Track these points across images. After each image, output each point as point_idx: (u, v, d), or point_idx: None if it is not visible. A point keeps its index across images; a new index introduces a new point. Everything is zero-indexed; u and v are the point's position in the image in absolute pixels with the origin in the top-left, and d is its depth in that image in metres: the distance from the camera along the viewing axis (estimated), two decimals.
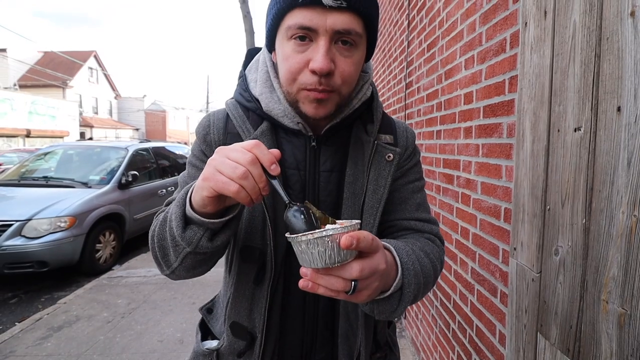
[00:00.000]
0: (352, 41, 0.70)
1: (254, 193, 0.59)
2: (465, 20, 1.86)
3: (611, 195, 0.81)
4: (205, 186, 0.60)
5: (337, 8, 0.66)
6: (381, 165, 0.83)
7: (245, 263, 0.82)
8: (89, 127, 28.59)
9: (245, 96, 0.84)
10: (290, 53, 0.70)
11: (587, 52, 0.89)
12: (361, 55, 0.75)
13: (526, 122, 1.18)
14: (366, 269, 0.55)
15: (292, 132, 0.82)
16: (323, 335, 0.85)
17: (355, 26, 0.69)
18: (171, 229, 0.69)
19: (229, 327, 0.83)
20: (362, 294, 0.57)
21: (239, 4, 10.24)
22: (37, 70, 26.62)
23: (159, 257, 0.74)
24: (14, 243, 4.25)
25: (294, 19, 0.68)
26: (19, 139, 20.73)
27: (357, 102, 0.82)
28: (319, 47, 0.68)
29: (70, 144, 6.98)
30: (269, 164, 0.60)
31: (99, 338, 3.18)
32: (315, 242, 0.53)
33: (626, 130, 0.77)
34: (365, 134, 0.84)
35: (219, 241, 0.69)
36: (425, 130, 2.56)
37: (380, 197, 0.82)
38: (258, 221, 0.80)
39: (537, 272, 1.10)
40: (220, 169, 0.59)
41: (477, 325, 1.73)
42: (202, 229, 0.67)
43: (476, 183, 1.74)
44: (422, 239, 0.85)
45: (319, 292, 0.55)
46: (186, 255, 0.70)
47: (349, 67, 0.72)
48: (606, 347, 0.83)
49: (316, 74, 0.69)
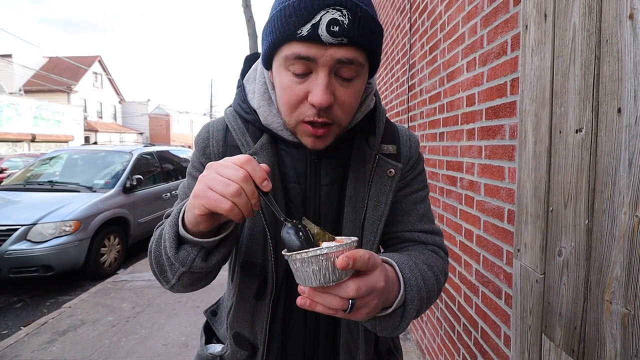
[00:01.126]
0: (354, 72, 0.67)
1: (246, 210, 0.58)
2: (467, 23, 1.87)
3: (613, 196, 0.81)
4: (197, 204, 0.59)
5: (338, 45, 0.62)
6: (382, 180, 0.81)
7: (247, 278, 0.81)
8: (93, 132, 28.76)
9: (244, 107, 0.82)
10: (289, 84, 0.67)
11: (587, 54, 0.89)
12: (362, 82, 0.72)
13: (528, 123, 1.19)
14: (363, 288, 0.53)
15: (293, 144, 0.79)
16: (325, 345, 0.84)
17: (357, 56, 0.65)
18: (165, 249, 0.68)
19: (232, 336, 0.83)
20: (361, 312, 0.56)
21: (242, 8, 10.30)
22: (42, 75, 26.81)
23: (157, 273, 0.74)
24: (20, 247, 4.27)
25: (291, 50, 0.64)
26: (24, 144, 20.86)
27: (360, 115, 0.80)
28: (318, 79, 0.65)
29: (75, 149, 7.02)
30: (261, 181, 0.59)
31: (104, 342, 3.19)
32: (310, 260, 0.52)
33: (627, 131, 0.77)
34: (367, 146, 0.82)
35: (214, 260, 0.68)
36: (428, 132, 2.57)
37: (381, 214, 0.81)
38: (259, 237, 0.79)
39: (540, 274, 1.10)
40: (211, 186, 0.58)
41: (482, 327, 1.72)
42: (195, 249, 0.66)
43: (479, 185, 1.74)
44: (425, 250, 0.83)
45: (317, 309, 0.55)
46: (182, 274, 0.69)
47: (349, 99, 0.69)
48: (610, 348, 0.83)
49: (315, 107, 0.66)
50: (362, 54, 0.66)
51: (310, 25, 0.61)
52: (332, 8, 0.60)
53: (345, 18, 0.61)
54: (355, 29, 0.62)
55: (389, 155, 0.84)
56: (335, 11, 0.61)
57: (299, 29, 0.62)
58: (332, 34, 0.61)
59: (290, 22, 0.62)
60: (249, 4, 10.30)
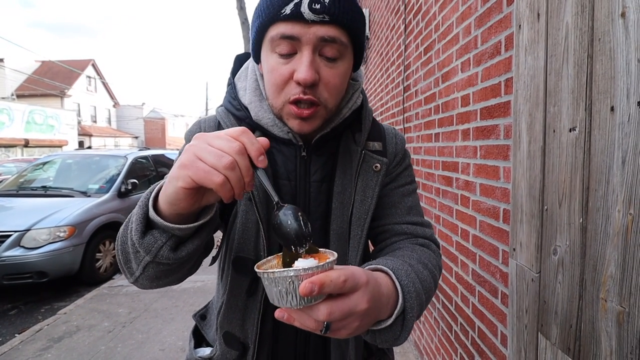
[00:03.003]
0: (337, 51, 0.69)
1: (239, 187, 0.52)
2: (461, 23, 1.88)
3: (607, 194, 0.82)
4: (182, 175, 0.52)
5: (320, 22, 0.65)
6: (368, 175, 0.82)
7: (238, 274, 0.80)
8: (87, 136, 28.60)
9: (235, 104, 0.83)
10: (275, 65, 0.69)
11: (580, 53, 0.90)
12: (347, 66, 0.74)
13: (522, 123, 1.19)
14: (336, 312, 0.48)
15: (283, 141, 0.80)
16: (315, 342, 0.84)
17: (339, 35, 0.68)
18: (130, 232, 0.61)
19: (222, 336, 0.82)
20: (340, 332, 0.52)
21: (237, 10, 10.31)
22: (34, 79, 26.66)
23: (122, 262, 0.66)
24: (13, 254, 4.22)
25: (276, 30, 0.67)
26: (17, 149, 20.71)
27: (347, 112, 0.81)
28: (302, 57, 0.67)
29: (68, 153, 6.97)
30: (257, 155, 0.54)
31: (100, 348, 3.16)
32: (277, 280, 0.47)
33: (620, 130, 0.78)
34: (354, 143, 0.83)
35: (184, 252, 0.61)
36: (423, 133, 2.57)
37: (367, 208, 0.81)
38: (251, 232, 0.79)
39: (536, 272, 1.11)
40: (201, 157, 0.51)
41: (479, 327, 1.73)
42: (164, 236, 0.60)
43: (475, 185, 1.75)
44: (417, 247, 0.82)
45: (295, 324, 0.51)
46: (147, 264, 0.62)
47: (334, 79, 0.71)
48: (606, 346, 0.83)
49: (301, 85, 0.67)
50: (344, 34, 0.69)
51: (293, 4, 0.64)
52: None
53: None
54: (336, 7, 0.66)
55: (374, 151, 0.85)
56: None
57: (282, 8, 0.65)
58: (314, 11, 0.64)
59: (274, 3, 0.66)
60: (244, 6, 10.31)
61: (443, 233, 2.24)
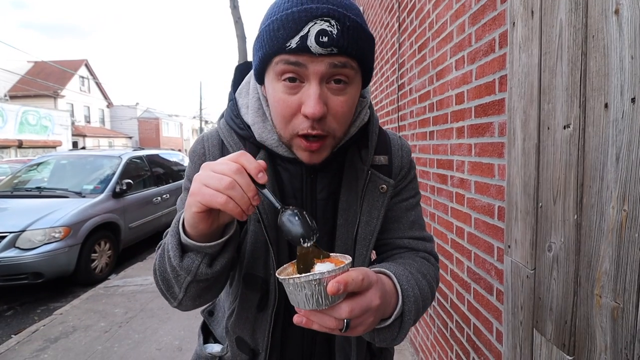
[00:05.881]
0: (346, 77, 0.66)
1: (244, 203, 0.57)
2: (455, 21, 1.88)
3: (601, 191, 0.82)
4: (193, 202, 0.59)
5: (327, 55, 0.62)
6: (375, 196, 0.82)
7: (248, 290, 0.81)
8: (81, 137, 28.39)
9: (237, 123, 0.81)
10: (281, 96, 0.66)
11: (574, 50, 0.90)
12: (356, 91, 0.71)
13: (517, 120, 1.20)
14: (357, 309, 0.54)
15: (288, 160, 0.79)
16: (321, 347, 0.87)
17: (349, 61, 0.64)
18: (169, 260, 0.67)
19: (235, 340, 0.84)
20: (357, 330, 0.57)
21: (230, 9, 10.27)
22: (27, 80, 26.42)
23: (164, 290, 0.73)
24: (8, 255, 4.20)
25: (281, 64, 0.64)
26: (11, 150, 20.54)
27: (354, 129, 0.79)
28: (310, 89, 0.64)
29: (62, 154, 6.92)
30: (256, 172, 0.58)
31: (97, 348, 3.15)
32: (303, 285, 0.52)
33: (614, 126, 0.78)
34: (360, 160, 0.82)
35: (219, 266, 0.68)
36: (418, 131, 2.58)
37: (373, 229, 0.81)
38: (261, 251, 0.79)
39: (531, 269, 1.11)
40: (206, 183, 0.58)
41: (475, 324, 1.73)
42: (199, 255, 0.65)
43: (470, 182, 1.75)
44: (417, 258, 0.84)
45: (313, 327, 0.55)
46: (189, 284, 0.68)
47: (342, 108, 0.68)
48: (601, 341, 0.84)
49: (309, 119, 0.65)
50: (354, 61, 0.66)
51: (298, 37, 0.61)
52: (320, 19, 0.60)
53: (334, 28, 0.61)
54: (345, 38, 0.62)
55: (380, 167, 0.84)
56: (324, 22, 0.60)
57: (287, 42, 0.61)
58: (321, 45, 0.60)
59: (278, 36, 0.62)
60: (237, 5, 10.28)
61: (438, 231, 2.25)
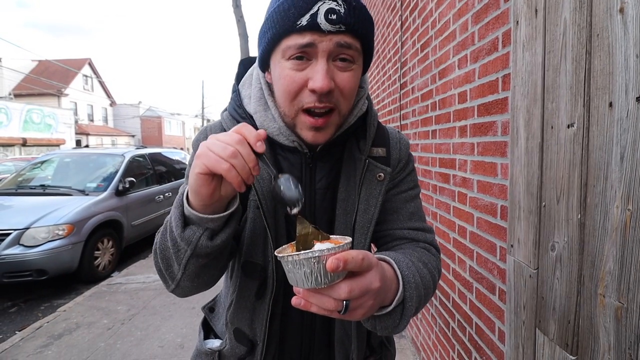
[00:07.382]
0: (350, 57, 0.69)
1: (244, 172, 0.59)
2: (458, 20, 1.88)
3: (605, 190, 0.82)
4: (198, 163, 0.61)
5: (336, 32, 0.66)
6: (372, 184, 0.83)
7: (247, 278, 0.82)
8: (84, 135, 28.49)
9: (240, 112, 0.84)
10: (288, 72, 0.69)
11: (578, 49, 0.90)
12: (359, 71, 0.74)
13: (520, 119, 1.19)
14: (356, 290, 0.53)
15: (288, 149, 0.81)
16: (320, 340, 0.87)
17: (354, 42, 0.68)
18: (171, 232, 0.68)
19: (233, 332, 0.85)
20: (356, 312, 0.56)
21: (233, 8, 10.27)
22: (31, 79, 26.53)
23: (162, 269, 0.73)
24: (13, 252, 4.23)
25: (292, 41, 0.67)
26: (15, 148, 20.64)
27: (352, 118, 0.82)
28: (318, 65, 0.67)
29: (66, 152, 6.96)
30: (255, 141, 0.61)
31: (100, 345, 3.17)
32: (302, 262, 0.51)
33: (618, 125, 0.78)
34: (358, 150, 0.84)
35: (219, 240, 0.68)
36: (420, 130, 2.57)
37: (371, 217, 0.82)
38: (259, 238, 0.80)
39: (534, 269, 1.11)
40: (211, 148, 0.60)
41: (477, 323, 1.73)
42: (201, 227, 0.67)
43: (472, 181, 1.75)
44: (418, 248, 0.85)
45: (312, 310, 0.55)
46: (188, 260, 0.68)
47: (348, 83, 0.71)
48: (604, 341, 0.83)
49: (316, 93, 0.68)
50: (358, 41, 0.70)
51: (309, 15, 0.65)
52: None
53: (342, 7, 0.65)
54: (352, 16, 0.66)
55: (378, 158, 0.85)
56: (332, 1, 0.65)
57: (298, 20, 0.65)
58: (331, 22, 0.65)
59: (289, 14, 0.66)
60: (239, 4, 10.27)
61: (440, 230, 2.24)
